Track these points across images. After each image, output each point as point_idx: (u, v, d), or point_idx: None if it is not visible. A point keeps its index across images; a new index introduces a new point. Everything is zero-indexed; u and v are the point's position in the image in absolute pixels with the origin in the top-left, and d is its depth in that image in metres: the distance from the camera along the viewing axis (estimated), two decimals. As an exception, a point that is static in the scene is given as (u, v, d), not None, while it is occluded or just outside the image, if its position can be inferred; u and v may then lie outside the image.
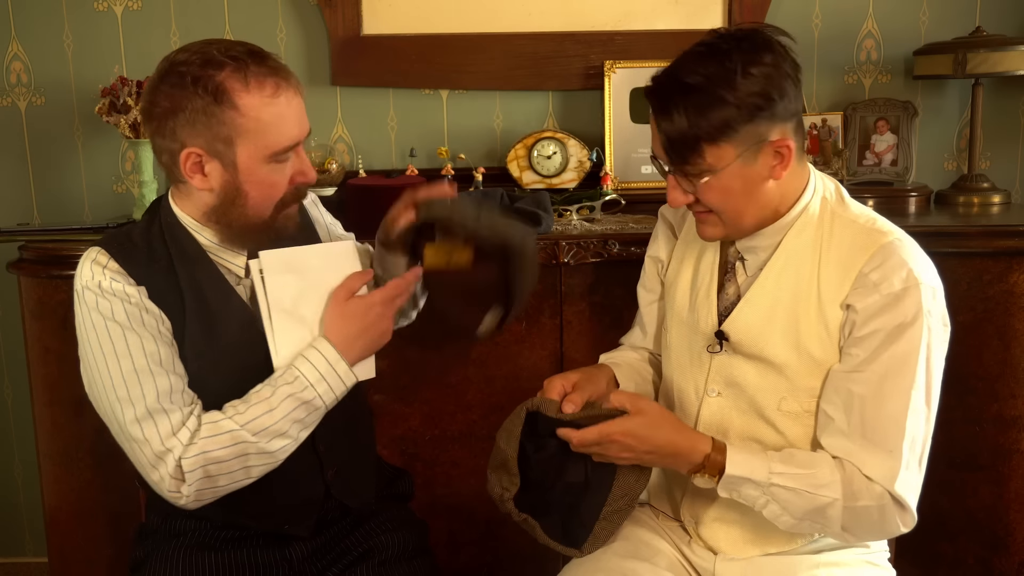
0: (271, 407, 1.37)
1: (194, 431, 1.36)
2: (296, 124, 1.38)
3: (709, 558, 1.49)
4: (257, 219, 1.40)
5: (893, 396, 1.32)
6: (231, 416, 1.37)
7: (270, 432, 1.37)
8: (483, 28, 2.43)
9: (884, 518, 1.34)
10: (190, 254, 1.43)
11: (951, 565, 2.13)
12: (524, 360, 2.07)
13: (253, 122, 1.33)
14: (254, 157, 1.35)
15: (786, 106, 1.32)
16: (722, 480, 1.34)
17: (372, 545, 1.56)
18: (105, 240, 1.44)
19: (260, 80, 1.33)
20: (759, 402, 1.43)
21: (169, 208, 1.45)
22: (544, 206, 2.10)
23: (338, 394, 1.42)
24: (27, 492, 2.65)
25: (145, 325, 1.37)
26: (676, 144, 1.31)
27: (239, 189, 1.37)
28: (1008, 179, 2.51)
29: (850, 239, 1.38)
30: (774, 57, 1.32)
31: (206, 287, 1.42)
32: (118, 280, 1.37)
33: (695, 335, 1.48)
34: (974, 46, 2.25)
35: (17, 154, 2.52)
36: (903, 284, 1.32)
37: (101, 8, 2.46)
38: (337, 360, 1.41)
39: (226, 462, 1.36)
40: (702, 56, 1.31)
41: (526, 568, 2.14)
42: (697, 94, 1.28)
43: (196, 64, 1.32)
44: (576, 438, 1.35)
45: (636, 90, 2.40)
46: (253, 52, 1.35)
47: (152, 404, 1.36)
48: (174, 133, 1.34)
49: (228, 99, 1.32)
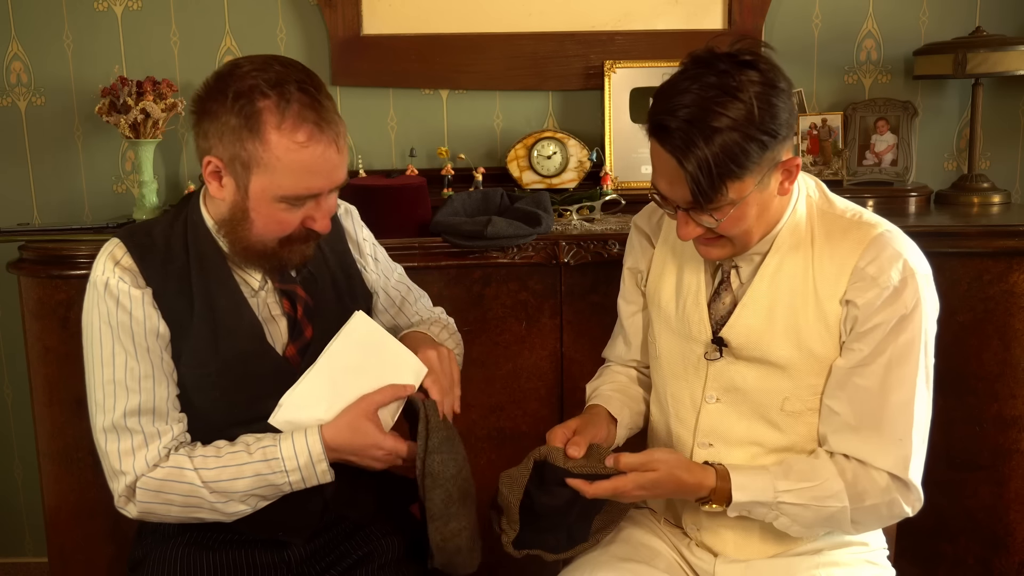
0: (240, 475, 1.37)
1: (154, 464, 1.38)
2: (320, 176, 1.33)
3: (709, 559, 1.49)
4: (259, 246, 1.38)
5: (899, 386, 1.34)
6: (197, 468, 1.37)
7: (229, 496, 1.38)
8: (483, 28, 2.43)
9: (891, 509, 1.37)
10: (209, 259, 1.41)
11: (951, 565, 2.13)
12: (524, 360, 2.07)
13: (273, 160, 1.30)
14: (265, 192, 1.33)
15: (792, 125, 1.32)
16: (731, 507, 1.38)
17: (371, 549, 1.55)
18: (126, 232, 1.43)
19: (296, 123, 1.29)
20: (762, 404, 1.43)
21: (198, 206, 1.44)
22: (544, 206, 2.10)
23: (308, 485, 1.40)
24: (27, 492, 2.65)
25: (133, 336, 1.37)
26: (700, 186, 1.27)
27: (246, 213, 1.35)
28: (1008, 179, 2.51)
29: (840, 234, 1.39)
30: (782, 80, 1.30)
31: (219, 295, 1.41)
32: (125, 280, 1.37)
33: (688, 343, 1.48)
34: (974, 46, 2.25)
35: (17, 154, 2.52)
36: (901, 275, 1.33)
37: (101, 8, 2.46)
38: (320, 459, 1.38)
39: (176, 506, 1.39)
40: (713, 90, 1.25)
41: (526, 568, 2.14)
42: (721, 136, 1.24)
43: (247, 82, 1.30)
44: (590, 492, 1.36)
45: (636, 90, 2.40)
46: (305, 90, 1.31)
47: (117, 420, 1.39)
48: (205, 135, 1.34)
49: (257, 129, 1.29)
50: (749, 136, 1.25)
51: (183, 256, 1.41)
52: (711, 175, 1.25)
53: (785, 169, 1.33)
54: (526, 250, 2.01)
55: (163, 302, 1.39)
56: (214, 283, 1.41)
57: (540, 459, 1.40)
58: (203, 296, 1.40)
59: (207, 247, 1.42)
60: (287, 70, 1.32)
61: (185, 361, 1.41)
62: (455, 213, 2.09)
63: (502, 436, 2.08)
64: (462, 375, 1.85)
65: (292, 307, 1.47)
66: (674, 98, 1.27)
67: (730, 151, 1.24)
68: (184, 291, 1.40)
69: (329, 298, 1.51)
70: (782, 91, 1.28)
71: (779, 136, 1.28)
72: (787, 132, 1.30)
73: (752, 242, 1.38)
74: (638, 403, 1.60)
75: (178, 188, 2.53)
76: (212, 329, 1.40)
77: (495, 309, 2.05)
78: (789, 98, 1.30)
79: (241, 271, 1.44)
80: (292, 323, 1.46)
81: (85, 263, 2.03)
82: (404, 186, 2.13)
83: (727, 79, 1.25)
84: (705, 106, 1.24)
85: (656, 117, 1.28)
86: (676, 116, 1.25)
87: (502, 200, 2.19)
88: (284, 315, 1.47)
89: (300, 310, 1.46)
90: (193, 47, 2.47)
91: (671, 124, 1.26)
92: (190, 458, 1.39)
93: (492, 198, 2.19)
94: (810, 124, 2.42)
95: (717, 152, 1.24)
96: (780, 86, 1.28)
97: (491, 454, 2.10)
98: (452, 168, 2.35)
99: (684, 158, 1.26)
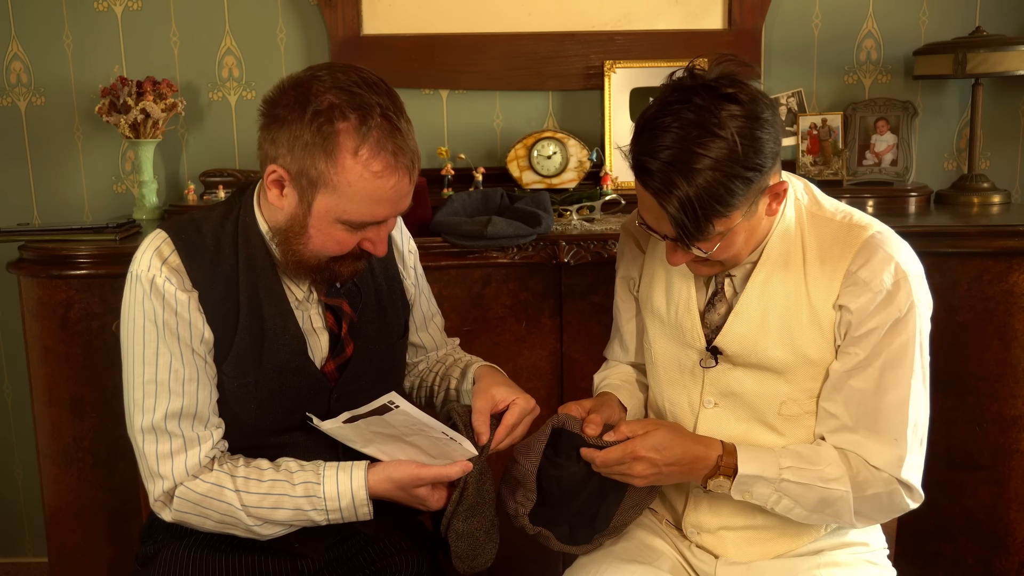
0: (280, 504, 1.36)
1: (194, 473, 1.36)
2: (388, 206, 1.30)
3: (710, 561, 1.49)
4: (312, 260, 1.35)
5: (894, 387, 1.34)
6: (239, 490, 1.36)
7: (266, 521, 1.38)
8: (483, 28, 2.43)
9: (893, 501, 1.37)
10: (259, 264, 1.38)
11: (951, 565, 2.14)
12: (524, 360, 2.07)
13: (344, 185, 1.26)
14: (329, 213, 1.29)
15: (778, 152, 1.29)
16: (736, 480, 1.36)
17: (386, 565, 1.53)
18: (174, 227, 1.38)
19: (374, 152, 1.25)
20: (759, 408, 1.43)
21: (251, 206, 1.39)
22: (544, 206, 2.10)
23: (345, 520, 1.39)
24: (27, 492, 2.65)
25: (179, 339, 1.34)
26: (686, 227, 1.25)
27: (305, 229, 1.31)
28: (1008, 179, 2.51)
29: (831, 238, 1.38)
30: (765, 109, 1.25)
31: (265, 304, 1.38)
32: (172, 281, 1.33)
33: (684, 349, 1.47)
34: (974, 46, 2.25)
35: (17, 154, 2.52)
36: (893, 279, 1.33)
37: (101, 8, 2.46)
38: (363, 504, 1.37)
39: (212, 521, 1.38)
40: (693, 128, 1.21)
41: (526, 568, 2.14)
42: (703, 176, 1.21)
43: (328, 99, 1.24)
44: (600, 458, 1.36)
45: (636, 90, 2.40)
46: (387, 117, 1.26)
47: (158, 422, 1.35)
48: (274, 142, 1.29)
49: (333, 151, 1.24)
50: (733, 175, 1.22)
51: (232, 259, 1.37)
52: (696, 216, 1.23)
53: (773, 193, 1.31)
54: (526, 250, 2.01)
55: (208, 307, 1.35)
56: (262, 290, 1.38)
57: (558, 426, 1.39)
58: (249, 303, 1.37)
59: (258, 252, 1.38)
60: (370, 92, 1.27)
61: (226, 370, 1.38)
62: (455, 213, 2.09)
63: (502, 436, 2.08)
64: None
65: (336, 322, 1.44)
66: (655, 138, 1.23)
67: (714, 192, 1.22)
68: (230, 297, 1.36)
69: (372, 312, 1.49)
70: (766, 122, 1.24)
71: (764, 168, 1.25)
72: (773, 162, 1.27)
73: (743, 259, 1.38)
74: (640, 398, 1.60)
75: (178, 188, 2.53)
76: (256, 338, 1.37)
77: (495, 309, 2.05)
78: (774, 126, 1.26)
79: (288, 280, 1.41)
80: (335, 339, 1.44)
81: (85, 263, 2.03)
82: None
83: (707, 116, 1.21)
84: (686, 147, 1.21)
85: (638, 157, 1.26)
86: (657, 158, 1.23)
87: (502, 200, 2.19)
88: (326, 329, 1.44)
89: (345, 327, 1.44)
90: (193, 47, 2.47)
91: (652, 166, 1.23)
92: (233, 478, 1.36)
93: (492, 198, 2.19)
94: (810, 124, 2.42)
95: (700, 193, 1.21)
96: (763, 117, 1.24)
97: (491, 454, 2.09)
98: (452, 168, 2.35)
99: (666, 201, 1.24)
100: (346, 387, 1.45)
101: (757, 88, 1.27)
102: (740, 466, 1.35)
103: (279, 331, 1.38)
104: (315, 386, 1.41)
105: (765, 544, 1.47)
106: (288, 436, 1.43)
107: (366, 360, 1.47)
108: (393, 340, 1.53)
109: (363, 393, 1.40)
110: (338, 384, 1.44)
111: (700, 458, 1.37)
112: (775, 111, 1.28)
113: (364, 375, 1.47)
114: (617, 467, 1.36)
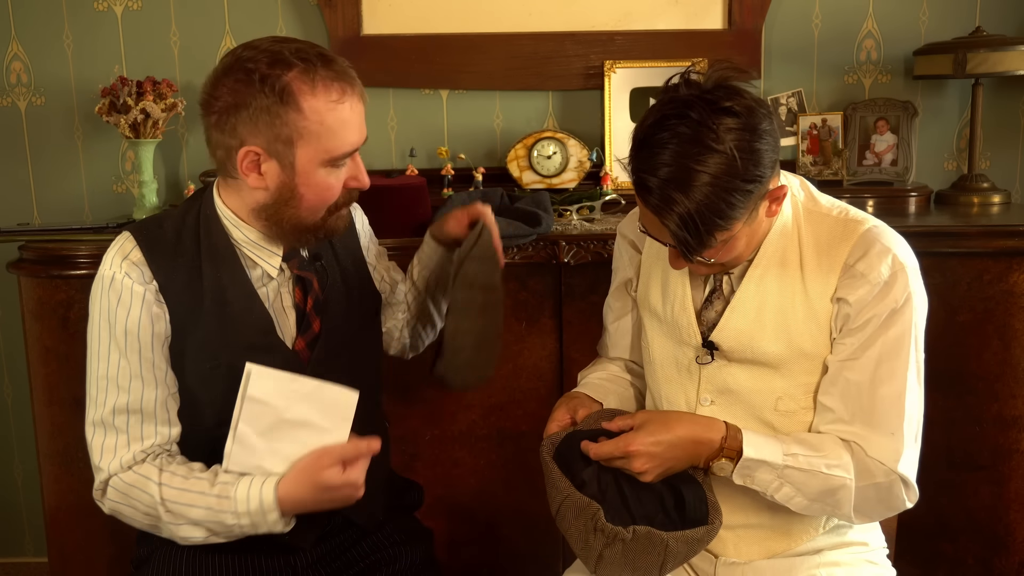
0: (195, 503, 1.36)
1: (128, 466, 1.39)
2: (357, 130, 1.37)
3: (710, 560, 1.49)
4: (309, 220, 1.40)
5: (889, 379, 1.34)
6: (161, 483, 1.37)
7: (183, 519, 1.37)
8: (483, 28, 2.43)
9: (892, 493, 1.36)
10: (220, 252, 1.42)
11: (951, 565, 2.14)
12: (524, 360, 2.07)
13: (316, 125, 1.32)
14: (313, 160, 1.34)
15: (777, 161, 1.29)
16: (739, 464, 1.35)
17: (380, 558, 1.55)
18: (137, 226, 1.44)
19: (327, 84, 1.32)
20: (756, 405, 1.43)
21: (212, 200, 1.44)
22: (544, 206, 2.10)
23: (259, 532, 1.37)
24: (27, 492, 2.65)
25: (127, 335, 1.38)
26: (687, 243, 1.26)
27: (294, 191, 1.36)
28: (1008, 179, 2.51)
29: (827, 232, 1.39)
30: (763, 120, 1.25)
31: (229, 289, 1.41)
32: (131, 275, 1.37)
33: (680, 347, 1.47)
34: (974, 46, 2.25)
35: (17, 154, 2.52)
36: (890, 270, 1.33)
37: (101, 8, 2.46)
38: (271, 510, 1.34)
39: (140, 513, 1.40)
40: (691, 144, 1.21)
41: (526, 568, 2.14)
42: (702, 192, 1.21)
43: (264, 62, 1.31)
44: (592, 452, 1.35)
45: (636, 90, 2.40)
46: (322, 55, 1.34)
47: (106, 416, 1.40)
48: (234, 129, 1.33)
49: (293, 101, 1.30)
50: (732, 189, 1.22)
51: (194, 249, 1.41)
52: (697, 231, 1.24)
53: (773, 197, 1.31)
54: (526, 250, 2.01)
55: (170, 296, 1.39)
56: (225, 276, 1.41)
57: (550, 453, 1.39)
58: (214, 290, 1.40)
59: (219, 240, 1.42)
60: (294, 41, 1.35)
61: (195, 355, 1.40)
62: (455, 213, 2.09)
63: (502, 436, 2.09)
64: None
65: (303, 299, 1.47)
66: (653, 156, 1.24)
67: (714, 207, 1.22)
68: (193, 284, 1.40)
69: (338, 292, 1.52)
70: (764, 132, 1.24)
71: (764, 179, 1.25)
72: (772, 171, 1.27)
73: (744, 260, 1.39)
74: (626, 388, 1.61)
75: (178, 188, 2.53)
76: (222, 321, 1.40)
77: (495, 309, 2.05)
78: (772, 135, 1.26)
79: (257, 259, 1.44)
80: (301, 316, 1.47)
81: (85, 263, 2.03)
82: (404, 186, 2.13)
83: (704, 131, 1.21)
84: (683, 164, 1.21)
85: (637, 175, 1.27)
86: (656, 175, 1.23)
87: (502, 200, 2.19)
88: (295, 307, 1.47)
89: (310, 302, 1.47)
90: (193, 47, 2.47)
91: (651, 184, 1.24)
92: (160, 471, 1.38)
93: (492, 198, 2.19)
94: (810, 124, 2.42)
95: (700, 209, 1.22)
96: (761, 128, 1.23)
97: (491, 454, 2.10)
98: (452, 168, 2.35)
99: (666, 218, 1.24)
100: (319, 366, 1.46)
101: (754, 95, 1.27)
102: (745, 449, 1.34)
103: (245, 312, 1.42)
104: (287, 366, 1.42)
105: (765, 543, 1.47)
106: None
107: (336, 339, 1.49)
108: (362, 320, 1.56)
109: (338, 374, 1.41)
110: (311, 363, 1.46)
111: (702, 440, 1.35)
112: (772, 119, 1.28)
113: (336, 355, 1.49)
114: (618, 463, 1.35)
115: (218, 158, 1.38)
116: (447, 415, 2.08)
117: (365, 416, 1.45)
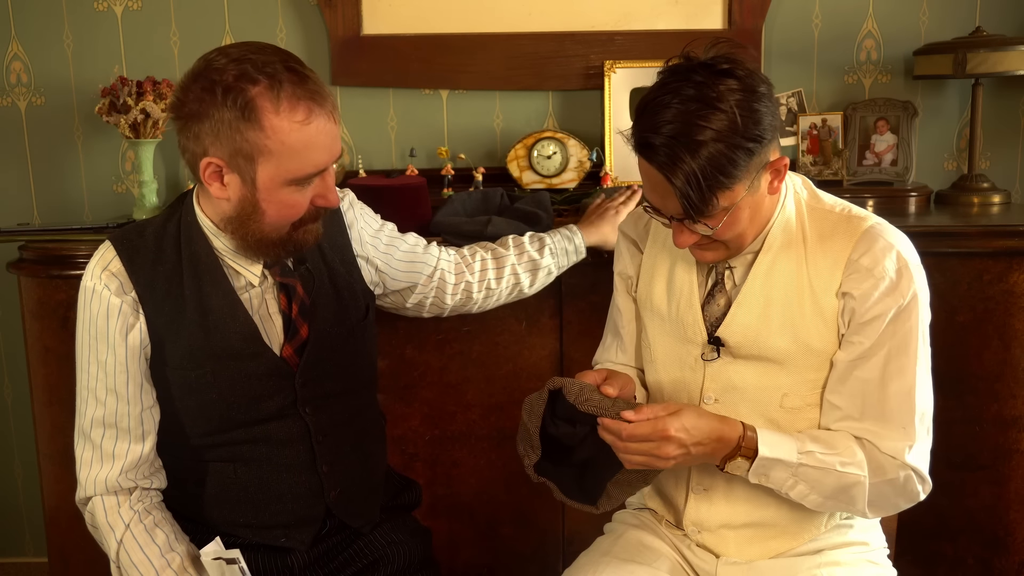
0: (142, 571, 1.39)
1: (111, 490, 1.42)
2: (324, 151, 1.32)
3: (711, 560, 1.49)
4: (273, 235, 1.37)
5: (899, 375, 1.35)
6: (121, 541, 1.41)
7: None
8: (483, 28, 2.43)
9: (907, 487, 1.37)
10: (202, 261, 1.40)
11: (951, 565, 2.13)
12: (524, 360, 2.07)
13: (277, 145, 1.28)
14: (275, 179, 1.31)
15: (776, 126, 1.32)
16: (755, 463, 1.35)
17: (378, 556, 1.54)
18: (118, 235, 1.43)
19: (293, 103, 1.28)
20: (761, 402, 1.43)
21: (192, 207, 1.43)
22: (544, 206, 2.10)
23: None
24: (27, 492, 2.65)
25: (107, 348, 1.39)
26: (691, 200, 1.27)
27: (256, 205, 1.33)
28: (1008, 179, 2.50)
29: (831, 229, 1.40)
30: (761, 84, 1.29)
31: (212, 297, 1.40)
32: (110, 287, 1.37)
33: (685, 345, 1.47)
34: (974, 46, 2.25)
35: (17, 154, 2.52)
36: (896, 266, 1.35)
37: (101, 8, 2.46)
38: None
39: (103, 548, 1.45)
40: (693, 103, 1.25)
41: (526, 568, 2.14)
42: (707, 148, 1.24)
43: (232, 73, 1.27)
44: (627, 432, 1.31)
45: (636, 90, 2.40)
46: (291, 69, 1.29)
47: (86, 427, 1.43)
48: (198, 138, 1.31)
49: (255, 118, 1.27)
50: (735, 145, 1.25)
51: (175, 257, 1.40)
52: (700, 188, 1.26)
53: (774, 169, 1.33)
54: (526, 250, 2.01)
55: (150, 306, 1.38)
56: (207, 283, 1.40)
57: (555, 388, 1.38)
58: (195, 298, 1.39)
59: (200, 248, 1.41)
60: (265, 54, 1.30)
61: (178, 364, 1.40)
62: (455, 213, 2.09)
63: (502, 436, 2.09)
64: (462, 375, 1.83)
65: (288, 305, 1.45)
66: (656, 114, 1.27)
67: (717, 162, 1.25)
68: (174, 292, 1.39)
69: (327, 294, 1.50)
70: (763, 95, 1.28)
71: (764, 140, 1.28)
72: (772, 135, 1.30)
73: (747, 243, 1.39)
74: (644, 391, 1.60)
75: (178, 188, 2.53)
76: (206, 330, 1.40)
77: (495, 309, 2.05)
78: (771, 100, 1.30)
79: (237, 267, 1.42)
80: (287, 322, 1.45)
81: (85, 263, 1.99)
82: (404, 186, 2.13)
83: (706, 90, 1.25)
84: (688, 120, 1.25)
85: (641, 135, 1.29)
86: (660, 133, 1.26)
87: (502, 200, 2.19)
88: (281, 313, 1.45)
89: (296, 308, 1.45)
90: (193, 47, 2.47)
91: (655, 141, 1.26)
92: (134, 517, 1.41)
93: (492, 198, 2.19)
94: (810, 124, 2.42)
95: (704, 165, 1.24)
96: (760, 90, 1.28)
97: (491, 454, 2.10)
98: (452, 168, 2.35)
99: (672, 174, 1.26)
100: (309, 372, 1.45)
101: (751, 66, 1.31)
102: (760, 448, 1.34)
103: (228, 319, 1.41)
104: (275, 372, 1.42)
105: (766, 543, 1.47)
106: (260, 428, 1.44)
107: (325, 344, 1.47)
108: (353, 323, 1.54)
109: (329, 379, 1.41)
110: (300, 369, 1.45)
111: (724, 438, 1.35)
112: (770, 87, 1.31)
113: (326, 360, 1.48)
114: (645, 445, 1.31)
115: (187, 162, 1.36)
116: (447, 415, 2.08)
117: (361, 415, 1.45)
